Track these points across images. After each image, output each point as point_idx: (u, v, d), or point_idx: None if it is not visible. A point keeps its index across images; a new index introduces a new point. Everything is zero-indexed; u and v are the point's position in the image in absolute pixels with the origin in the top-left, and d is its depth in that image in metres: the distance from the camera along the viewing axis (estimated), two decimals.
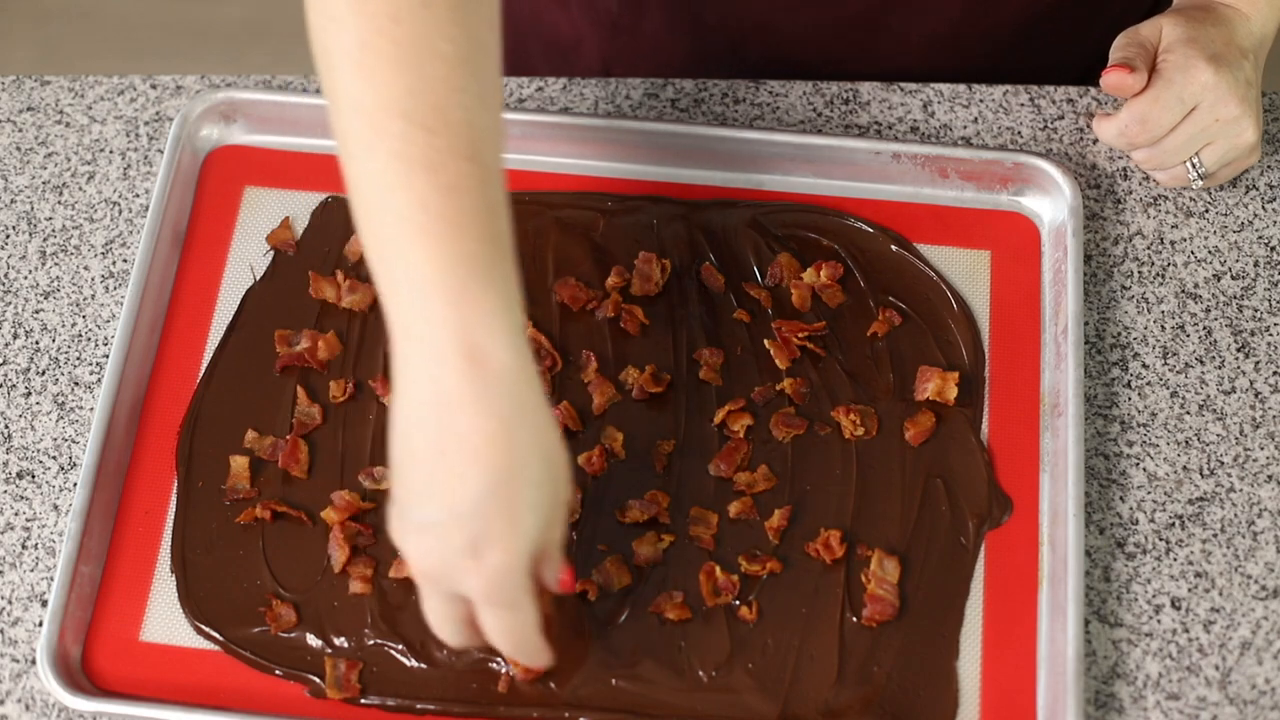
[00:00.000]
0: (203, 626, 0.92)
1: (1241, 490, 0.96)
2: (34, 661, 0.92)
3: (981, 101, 1.08)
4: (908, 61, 1.12)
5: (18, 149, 1.08)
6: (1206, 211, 1.04)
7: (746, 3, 1.10)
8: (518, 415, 0.75)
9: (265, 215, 1.04)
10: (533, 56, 1.22)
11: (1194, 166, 1.01)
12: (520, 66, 1.21)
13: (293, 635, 0.91)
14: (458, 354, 0.74)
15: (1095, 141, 1.06)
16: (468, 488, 0.74)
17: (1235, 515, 0.95)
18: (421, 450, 0.76)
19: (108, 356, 0.99)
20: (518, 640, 0.81)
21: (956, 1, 1.09)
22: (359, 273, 1.01)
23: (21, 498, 0.97)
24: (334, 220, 1.03)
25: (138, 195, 1.06)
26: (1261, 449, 0.97)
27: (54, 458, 0.98)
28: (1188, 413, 0.98)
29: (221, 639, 0.91)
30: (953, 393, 0.97)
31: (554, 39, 1.20)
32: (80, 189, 1.06)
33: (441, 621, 0.81)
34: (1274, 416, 0.98)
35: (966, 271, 1.02)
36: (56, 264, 1.04)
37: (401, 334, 0.76)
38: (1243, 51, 1.00)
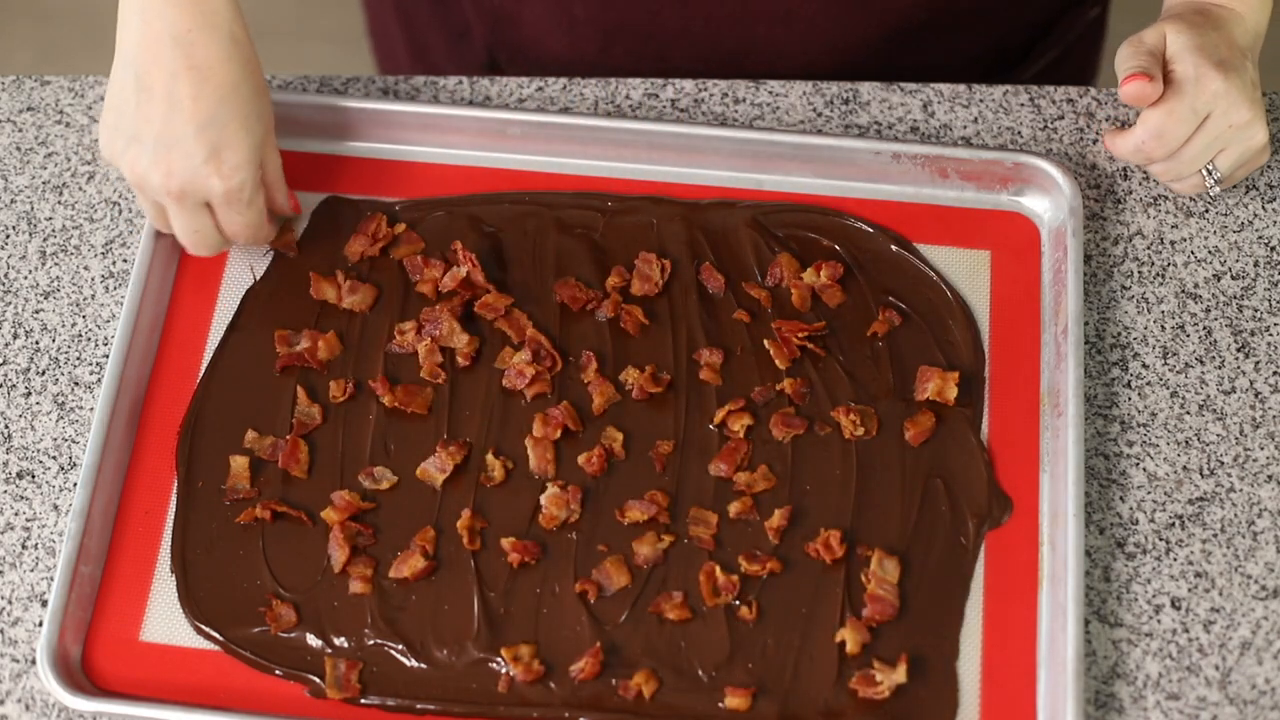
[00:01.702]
0: (203, 626, 0.92)
1: (1241, 490, 0.96)
2: (34, 661, 0.92)
3: (981, 101, 1.08)
4: (785, 66, 1.13)
5: (18, 149, 1.08)
6: (1206, 211, 1.04)
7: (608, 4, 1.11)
8: (236, 47, 0.93)
9: None
10: (431, 47, 1.26)
11: (1209, 173, 1.01)
12: (420, 55, 1.28)
13: (293, 635, 0.91)
14: (185, 1, 0.91)
15: (1095, 141, 1.06)
16: (204, 103, 0.92)
17: (1235, 515, 0.95)
18: (159, 80, 0.91)
19: (108, 356, 0.99)
20: (253, 232, 0.97)
21: (817, 10, 1.09)
22: (359, 273, 1.01)
23: (21, 498, 0.97)
24: (334, 220, 1.03)
25: None
26: (1261, 449, 0.97)
27: (54, 458, 0.98)
28: (1188, 413, 0.98)
29: (221, 639, 0.91)
30: (953, 393, 0.96)
31: (449, 28, 1.23)
32: (80, 189, 1.06)
33: (189, 233, 0.96)
34: (1274, 416, 0.98)
35: (966, 271, 1.02)
36: (56, 264, 1.04)
37: None
38: (1243, 52, 1.00)
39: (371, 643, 0.91)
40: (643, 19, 1.12)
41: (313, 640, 0.91)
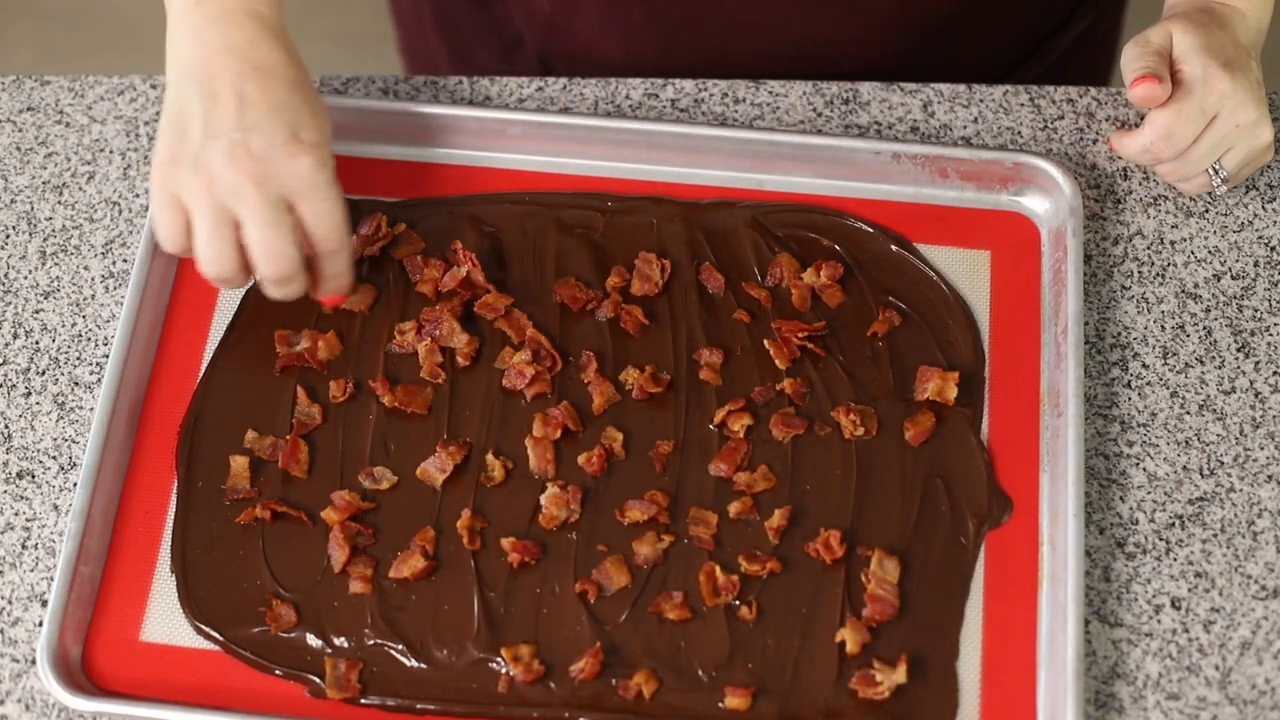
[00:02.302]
0: (203, 626, 0.92)
1: (1241, 490, 0.96)
2: (34, 661, 0.92)
3: (981, 101, 1.08)
4: (850, 55, 1.14)
5: (18, 149, 1.08)
6: (1206, 211, 1.04)
7: (670, 1, 1.11)
8: (291, 53, 0.94)
9: None
10: (477, 58, 1.26)
11: (1215, 172, 1.01)
12: (466, 69, 1.26)
13: (293, 635, 0.91)
14: (242, 13, 0.93)
15: (1095, 141, 1.06)
16: (275, 92, 0.91)
17: (1235, 515, 0.95)
18: (225, 83, 0.91)
19: (108, 356, 0.99)
20: (337, 229, 0.92)
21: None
22: (359, 273, 1.01)
23: (21, 498, 0.97)
24: None
25: (138, 195, 1.06)
26: (1261, 449, 0.97)
27: (54, 458, 0.98)
28: (1188, 413, 0.98)
29: (221, 639, 0.91)
30: (953, 392, 0.96)
31: (499, 39, 1.23)
32: (80, 189, 1.06)
33: (265, 231, 0.90)
34: (1274, 416, 0.98)
35: (966, 271, 1.02)
36: (56, 264, 1.04)
37: (192, 2, 0.93)
38: (1247, 50, 1.00)
39: (371, 643, 0.91)
40: (705, 14, 1.12)
41: (313, 640, 0.91)
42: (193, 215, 0.91)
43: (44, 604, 0.94)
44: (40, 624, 0.93)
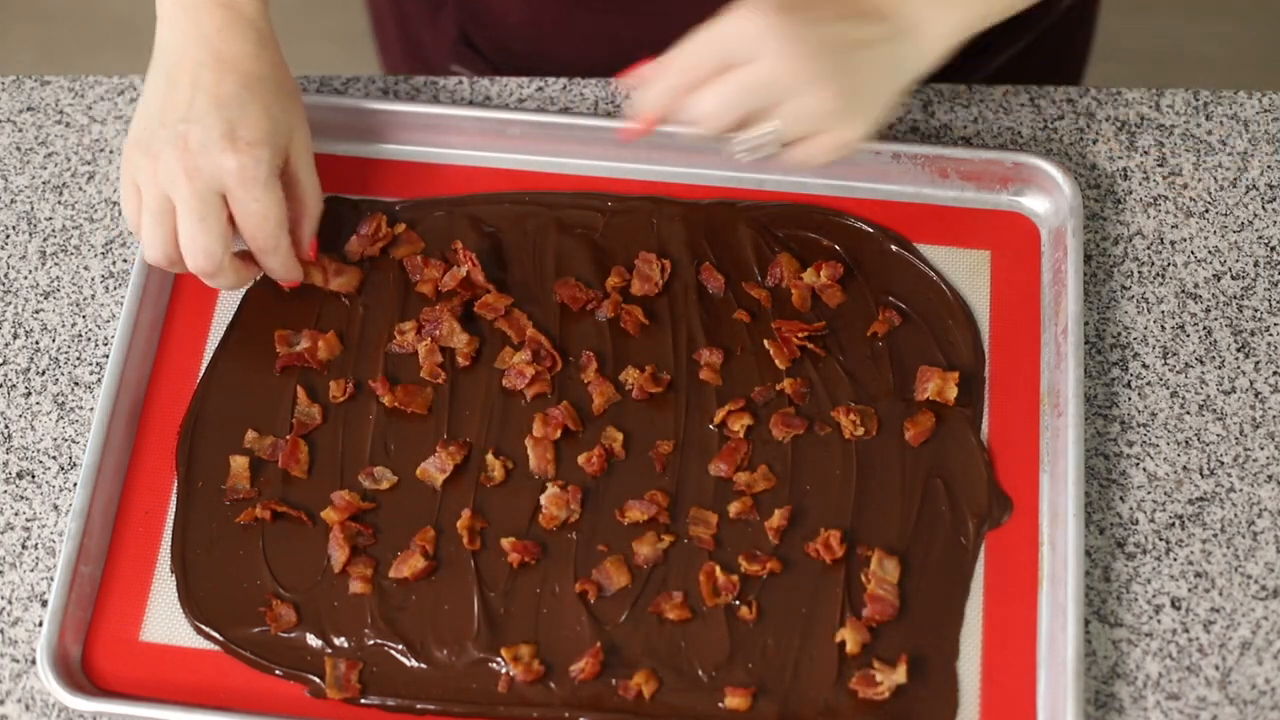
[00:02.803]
0: (203, 626, 0.92)
1: (1241, 490, 0.96)
2: (34, 661, 0.92)
3: (981, 101, 1.08)
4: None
5: (18, 149, 1.08)
6: (1206, 211, 1.04)
7: None
8: (263, 45, 0.94)
9: None
10: (411, 18, 1.25)
11: (749, 145, 0.89)
12: (404, 32, 1.27)
13: (293, 635, 0.91)
14: (215, 2, 0.93)
15: (1095, 141, 1.06)
16: (226, 85, 0.91)
17: (1235, 515, 0.95)
18: (186, 70, 0.92)
19: (108, 356, 0.99)
20: (266, 229, 0.93)
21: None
22: (363, 271, 1.01)
23: (21, 498, 0.97)
24: (334, 220, 1.03)
25: None
26: (1261, 449, 0.97)
27: (54, 458, 0.98)
28: (1188, 413, 0.98)
29: (221, 639, 0.91)
30: (953, 393, 0.96)
31: (428, 3, 1.23)
32: (80, 189, 1.06)
33: (194, 223, 0.91)
34: (1274, 416, 0.98)
35: (966, 271, 1.02)
36: (56, 264, 1.04)
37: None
38: (867, 13, 0.86)
39: (371, 643, 0.91)
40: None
41: (313, 640, 0.91)
42: (143, 199, 0.93)
43: (44, 604, 0.94)
44: (40, 624, 0.93)
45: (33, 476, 0.97)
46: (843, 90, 0.85)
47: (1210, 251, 1.03)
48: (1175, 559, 0.94)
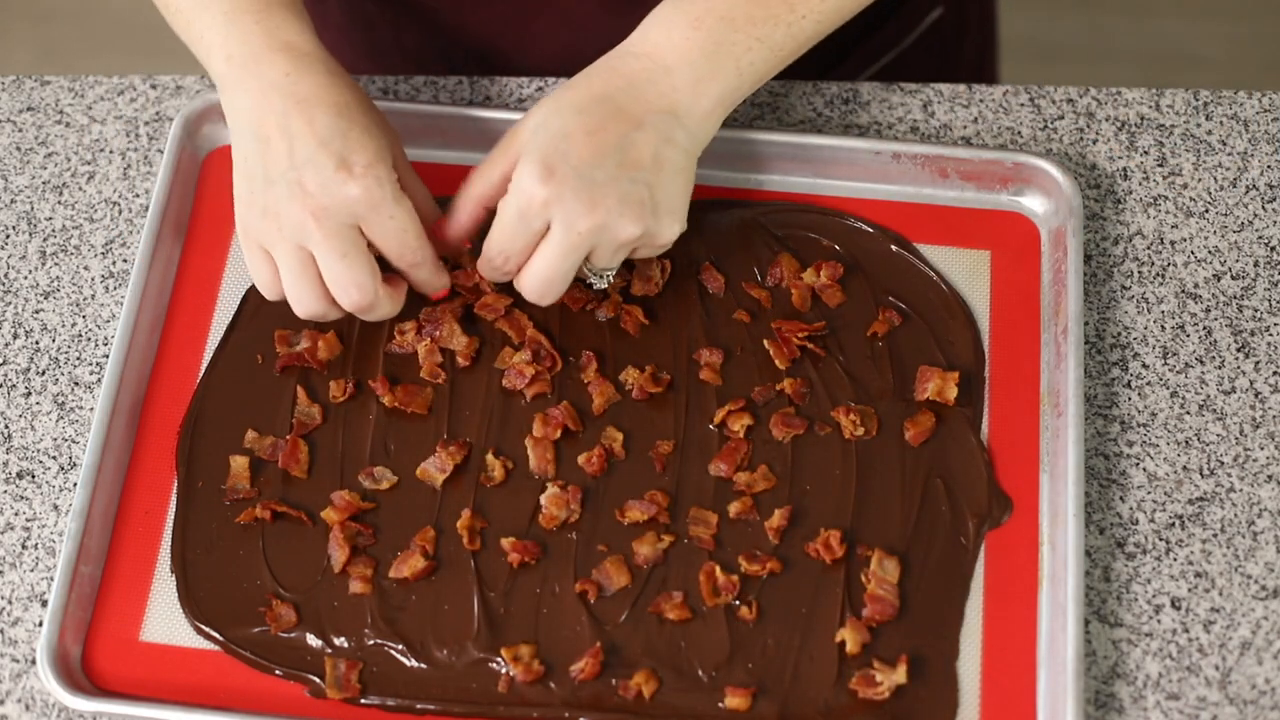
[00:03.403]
0: (203, 626, 0.92)
1: (1241, 490, 0.96)
2: (34, 661, 0.92)
3: (981, 101, 1.08)
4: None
5: (18, 149, 1.08)
6: (1206, 211, 1.04)
7: None
8: (332, 73, 0.91)
9: None
10: None
11: (592, 279, 0.96)
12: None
13: (293, 635, 0.91)
14: (272, 50, 0.90)
15: (1095, 141, 1.06)
16: (319, 122, 0.88)
17: (1235, 515, 0.95)
18: (272, 123, 0.89)
19: (108, 356, 0.99)
20: (409, 243, 0.90)
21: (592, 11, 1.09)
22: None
23: (21, 498, 0.97)
24: None
25: (138, 195, 1.06)
26: (1261, 449, 0.97)
27: (54, 458, 0.98)
28: (1188, 413, 0.98)
29: (221, 639, 0.91)
30: (953, 393, 0.96)
31: None
32: (80, 189, 1.06)
33: (338, 260, 0.89)
34: (1274, 416, 0.98)
35: (966, 271, 1.02)
36: (56, 264, 1.04)
37: (222, 58, 0.91)
38: (649, 116, 0.89)
39: (371, 643, 0.91)
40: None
41: (313, 640, 0.91)
42: (277, 261, 0.91)
43: (44, 604, 0.94)
44: (40, 624, 0.93)
45: (33, 476, 0.97)
46: (643, 212, 0.89)
47: (1210, 251, 1.03)
48: (1175, 559, 0.94)
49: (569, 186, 0.88)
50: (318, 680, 0.90)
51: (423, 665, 0.91)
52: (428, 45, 1.19)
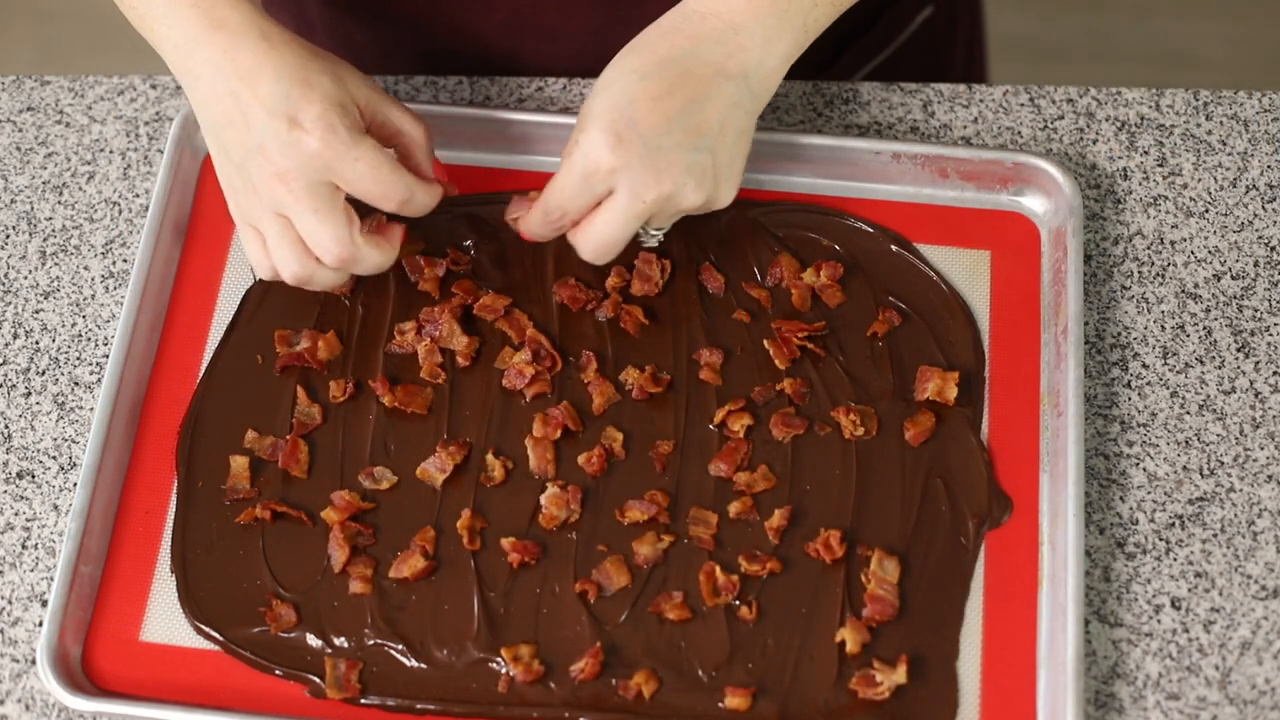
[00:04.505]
0: (203, 626, 0.92)
1: (1241, 490, 0.96)
2: (34, 661, 0.92)
3: (981, 101, 1.08)
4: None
5: (18, 149, 1.08)
6: (1206, 211, 1.04)
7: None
8: (267, 37, 0.89)
9: None
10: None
11: (644, 235, 0.96)
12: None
13: (293, 635, 0.91)
14: (207, 29, 0.89)
15: (1095, 141, 1.06)
16: (262, 90, 0.87)
17: (1235, 515, 0.95)
18: (227, 105, 0.89)
19: (108, 356, 0.99)
20: (384, 176, 0.88)
21: (583, 29, 1.09)
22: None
23: (21, 498, 0.97)
24: None
25: (138, 195, 1.06)
26: (1261, 449, 0.97)
27: (54, 458, 0.98)
28: (1188, 413, 0.98)
29: (221, 639, 0.91)
30: (953, 393, 0.97)
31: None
32: (80, 189, 1.06)
33: (316, 220, 0.88)
34: (1274, 416, 0.98)
35: (966, 271, 1.02)
36: (56, 264, 1.04)
37: (170, 48, 0.91)
38: (714, 78, 0.87)
39: (371, 643, 0.91)
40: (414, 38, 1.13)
41: (313, 640, 0.91)
42: (263, 234, 0.91)
43: (44, 604, 0.94)
44: (40, 624, 0.93)
45: (33, 476, 0.97)
46: (705, 180, 0.89)
47: (1210, 251, 1.03)
48: (1175, 559, 0.94)
49: (636, 155, 0.87)
50: (318, 680, 0.90)
51: (423, 665, 0.91)
52: (424, 62, 1.19)
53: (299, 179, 0.88)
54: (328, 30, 1.19)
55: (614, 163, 0.87)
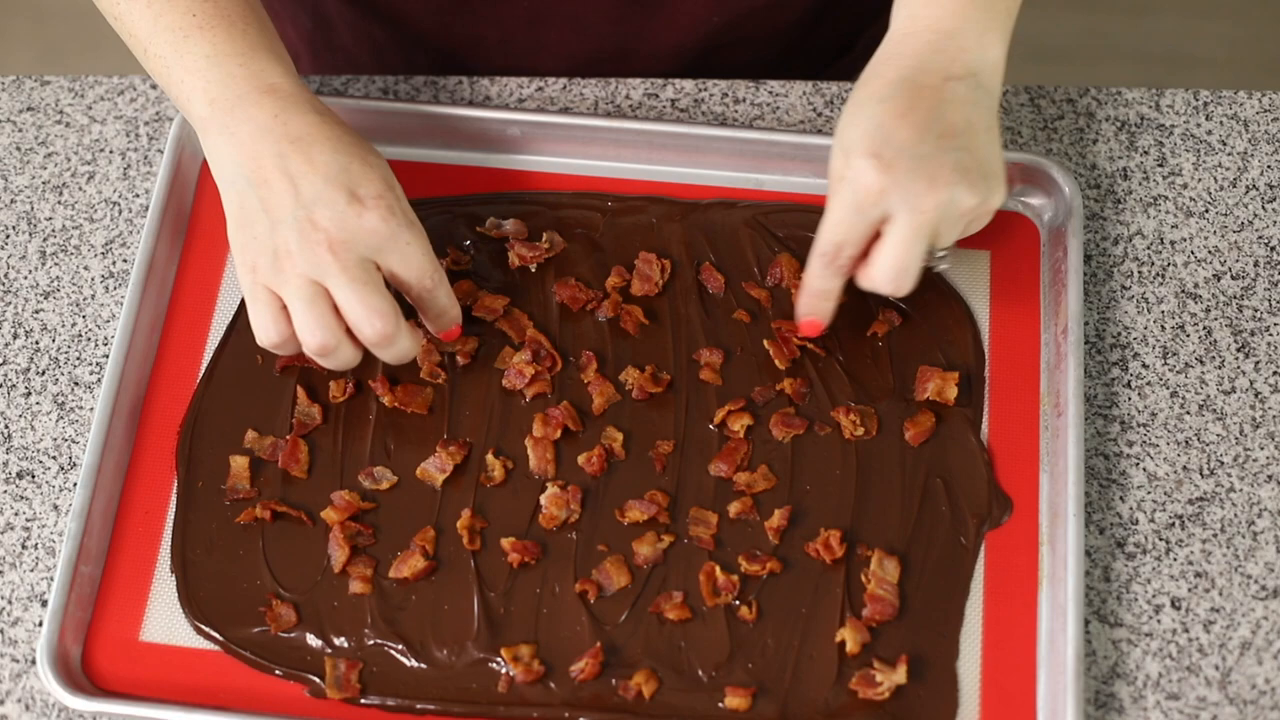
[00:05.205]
0: (203, 626, 0.92)
1: (1241, 490, 0.96)
2: (34, 661, 0.92)
3: None
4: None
5: (18, 149, 1.08)
6: (1206, 211, 1.04)
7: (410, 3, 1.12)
8: (319, 110, 0.91)
9: None
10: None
11: (936, 259, 0.95)
12: None
13: (293, 635, 0.91)
14: (257, 92, 0.90)
15: (1095, 141, 1.06)
16: (319, 159, 0.88)
17: (1235, 515, 0.95)
18: (269, 166, 0.88)
19: (108, 356, 0.99)
20: (428, 266, 0.90)
21: (604, 19, 1.10)
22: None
23: (21, 498, 0.97)
24: None
25: (138, 195, 1.06)
26: (1261, 449, 0.97)
27: (54, 458, 0.98)
28: (1188, 413, 0.98)
29: (221, 639, 0.91)
30: (953, 393, 0.97)
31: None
32: (80, 189, 1.06)
33: (358, 298, 0.88)
34: (1274, 416, 0.98)
35: (966, 271, 1.02)
36: (56, 264, 1.04)
37: (205, 102, 0.91)
38: (962, 76, 0.88)
39: (371, 643, 0.91)
40: (435, 29, 1.14)
41: (313, 640, 0.91)
42: (287, 300, 0.89)
43: (44, 604, 0.94)
44: (40, 624, 0.93)
45: (33, 476, 0.97)
46: (975, 177, 0.87)
47: (1210, 251, 1.03)
48: (1175, 559, 0.94)
49: (903, 169, 0.86)
50: (318, 680, 0.90)
51: (423, 665, 0.91)
52: (445, 56, 1.19)
53: (350, 252, 0.87)
54: (347, 24, 1.19)
55: (883, 183, 0.86)
